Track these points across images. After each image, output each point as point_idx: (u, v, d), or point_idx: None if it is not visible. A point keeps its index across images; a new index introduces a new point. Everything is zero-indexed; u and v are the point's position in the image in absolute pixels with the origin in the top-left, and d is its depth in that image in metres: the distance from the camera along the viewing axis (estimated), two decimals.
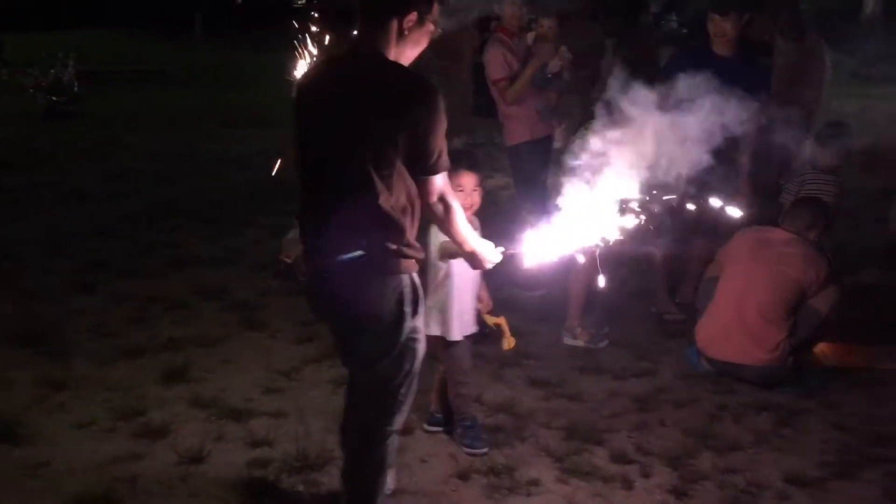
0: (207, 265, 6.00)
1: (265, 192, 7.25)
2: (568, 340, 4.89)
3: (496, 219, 5.36)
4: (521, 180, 5.86)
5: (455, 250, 3.44)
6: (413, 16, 2.76)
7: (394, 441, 3.04)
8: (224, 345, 4.73)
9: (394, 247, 2.77)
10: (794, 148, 5.25)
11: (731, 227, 4.65)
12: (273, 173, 3.22)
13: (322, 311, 3.04)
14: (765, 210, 5.17)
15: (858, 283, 5.48)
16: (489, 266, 3.09)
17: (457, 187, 3.60)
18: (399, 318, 2.84)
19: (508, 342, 3.94)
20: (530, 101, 5.64)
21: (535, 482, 3.51)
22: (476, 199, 3.67)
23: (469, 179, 3.63)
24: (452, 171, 3.55)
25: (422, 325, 2.99)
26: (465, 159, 3.75)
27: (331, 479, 3.41)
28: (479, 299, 3.84)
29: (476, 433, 3.76)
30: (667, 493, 3.46)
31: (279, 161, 3.23)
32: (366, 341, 2.89)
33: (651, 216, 3.15)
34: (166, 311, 5.17)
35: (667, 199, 3.24)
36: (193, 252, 6.25)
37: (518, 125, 5.73)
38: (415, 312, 2.89)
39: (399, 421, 3.01)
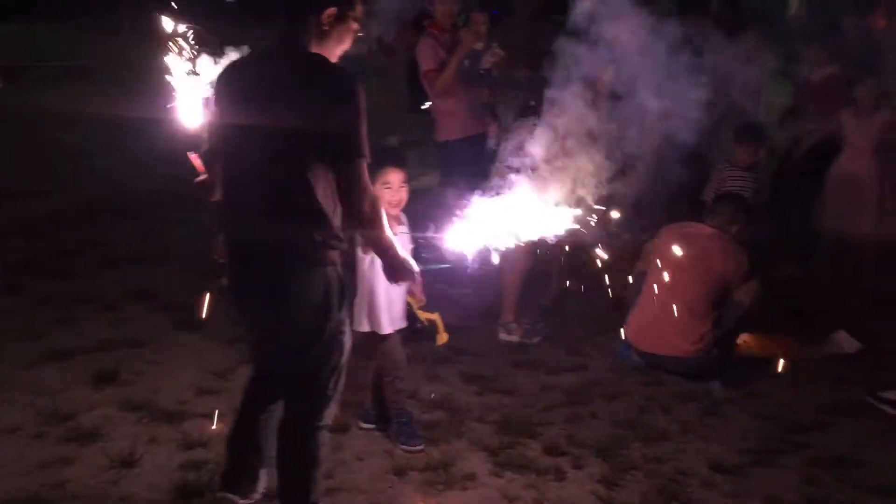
0: (137, 265, 5.89)
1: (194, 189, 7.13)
2: (503, 336, 4.96)
3: (429, 216, 5.39)
4: (449, 176, 5.87)
5: None
6: (331, 11, 2.78)
7: (325, 436, 3.04)
8: (155, 346, 4.66)
9: (319, 238, 2.80)
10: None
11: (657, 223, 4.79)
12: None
13: (247, 308, 3.01)
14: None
15: (779, 275, 5.67)
16: (403, 281, 3.07)
17: (383, 184, 3.65)
18: (325, 310, 2.86)
19: (441, 338, 3.99)
20: (463, 96, 5.67)
21: (470, 476, 3.56)
22: (403, 195, 3.70)
23: (396, 176, 3.66)
24: (379, 168, 3.61)
25: (347, 318, 2.99)
26: (392, 156, 3.78)
27: (265, 479, 3.39)
28: (411, 294, 3.87)
29: (412, 430, 3.79)
30: (597, 484, 3.55)
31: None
32: (293, 334, 2.90)
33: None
34: (95, 312, 5.07)
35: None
36: (122, 251, 6.13)
37: (450, 121, 5.76)
38: (340, 304, 2.91)
39: (329, 415, 3.01)
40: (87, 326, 4.87)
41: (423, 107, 6.06)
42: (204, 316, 3.59)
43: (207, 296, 3.52)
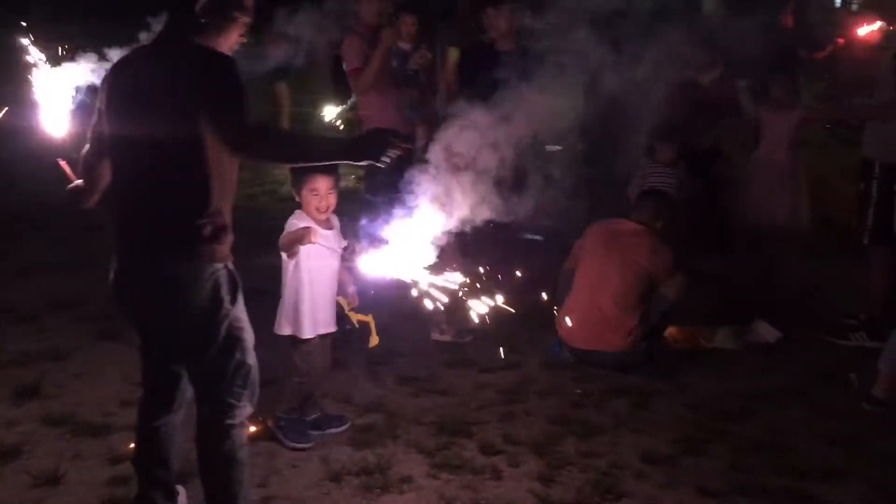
0: (56, 273, 5.69)
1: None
2: (435, 336, 4.96)
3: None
4: (374, 178, 5.77)
5: (295, 238, 3.47)
6: (204, 2, 2.78)
7: (240, 435, 2.99)
8: (78, 357, 4.53)
9: (208, 233, 2.77)
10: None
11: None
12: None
13: (135, 308, 2.95)
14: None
15: (703, 269, 5.81)
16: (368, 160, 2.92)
17: (310, 191, 3.63)
18: (216, 306, 2.83)
19: (373, 340, 3.97)
20: (390, 97, 5.63)
21: (407, 479, 3.55)
22: (332, 201, 3.69)
23: (323, 183, 3.64)
24: (306, 175, 3.59)
25: (244, 315, 2.95)
26: None
27: (196, 490, 3.32)
28: (342, 295, 3.85)
29: (301, 428, 3.78)
30: (534, 481, 3.58)
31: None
32: (185, 334, 2.87)
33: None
34: (13, 324, 4.89)
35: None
36: (38, 261, 5.91)
37: (377, 122, 5.70)
38: (233, 300, 2.88)
39: (240, 414, 2.96)
40: (5, 339, 4.69)
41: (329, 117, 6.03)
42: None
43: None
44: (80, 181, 3.08)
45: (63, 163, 3.21)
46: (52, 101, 3.55)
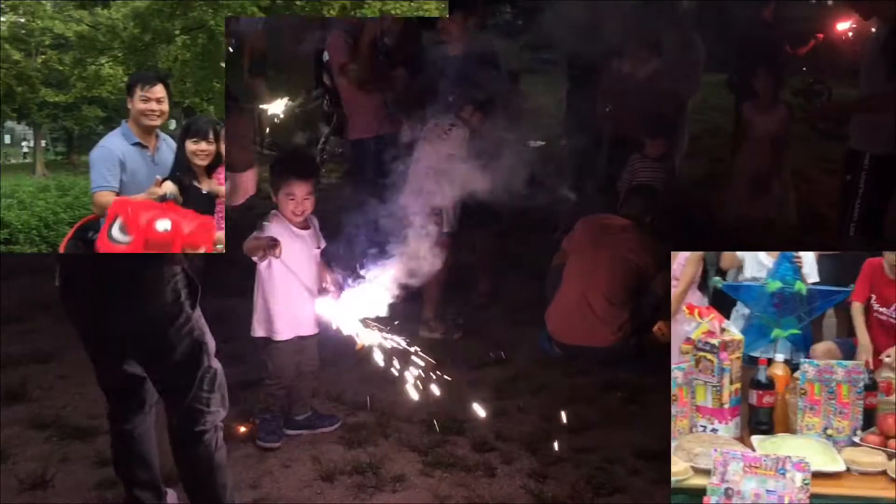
0: (36, 274, 5.59)
1: None
2: (424, 333, 4.93)
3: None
4: (360, 176, 5.75)
5: (258, 246, 3.46)
6: None
7: (215, 439, 2.96)
8: (63, 359, 4.45)
9: None
10: None
11: None
12: None
13: (90, 311, 2.91)
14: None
15: None
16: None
17: (287, 195, 3.59)
18: (176, 309, 2.81)
19: (360, 343, 3.94)
20: (377, 95, 5.60)
21: (399, 478, 3.54)
22: (308, 206, 3.66)
23: (301, 188, 3.61)
24: (283, 179, 3.55)
25: (203, 319, 2.93)
26: (298, 165, 3.72)
27: (175, 495, 3.29)
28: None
29: (271, 427, 3.75)
30: (527, 478, 3.57)
31: None
32: (146, 337, 2.85)
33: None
34: None
35: None
36: (19, 260, 5.82)
37: (364, 118, 5.67)
38: (193, 305, 2.86)
39: (212, 419, 2.94)
40: None
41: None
42: None
43: None
44: None
45: None
46: None
